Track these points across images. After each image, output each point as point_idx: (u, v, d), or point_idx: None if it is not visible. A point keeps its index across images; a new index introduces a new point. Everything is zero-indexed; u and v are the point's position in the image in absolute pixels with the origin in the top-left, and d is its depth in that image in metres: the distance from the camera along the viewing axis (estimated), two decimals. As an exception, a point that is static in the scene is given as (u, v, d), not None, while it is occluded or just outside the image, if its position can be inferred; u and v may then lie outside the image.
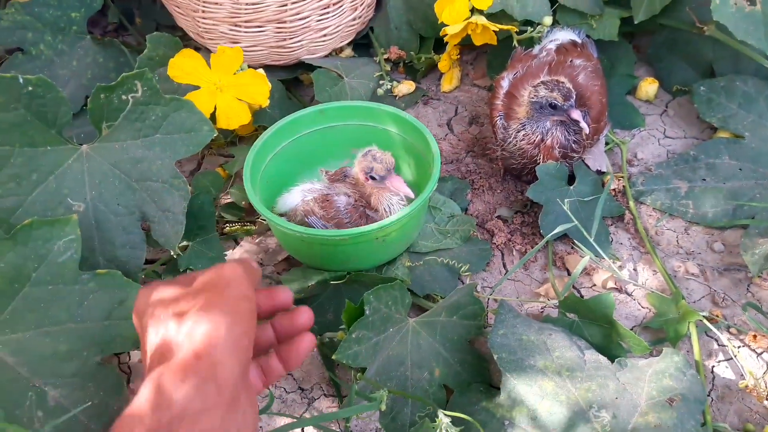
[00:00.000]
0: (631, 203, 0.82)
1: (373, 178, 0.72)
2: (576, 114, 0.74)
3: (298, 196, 0.75)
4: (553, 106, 0.75)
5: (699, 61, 0.94)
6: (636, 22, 0.91)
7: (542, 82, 0.76)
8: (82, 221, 0.71)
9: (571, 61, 0.82)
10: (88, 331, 0.65)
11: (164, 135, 0.75)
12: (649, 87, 0.96)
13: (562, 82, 0.75)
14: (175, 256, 0.77)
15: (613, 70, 0.97)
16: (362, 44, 1.08)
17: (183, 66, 0.81)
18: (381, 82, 1.00)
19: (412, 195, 0.71)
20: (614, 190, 0.84)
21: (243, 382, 0.41)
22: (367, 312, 0.64)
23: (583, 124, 0.74)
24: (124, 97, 0.72)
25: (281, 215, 0.77)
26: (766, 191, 0.80)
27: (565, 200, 0.77)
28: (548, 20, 0.89)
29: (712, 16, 0.77)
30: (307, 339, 0.51)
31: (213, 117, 0.83)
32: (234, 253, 0.83)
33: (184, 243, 0.79)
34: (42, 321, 0.63)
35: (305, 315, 0.52)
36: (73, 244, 0.65)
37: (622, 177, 0.85)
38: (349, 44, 1.06)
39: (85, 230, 0.70)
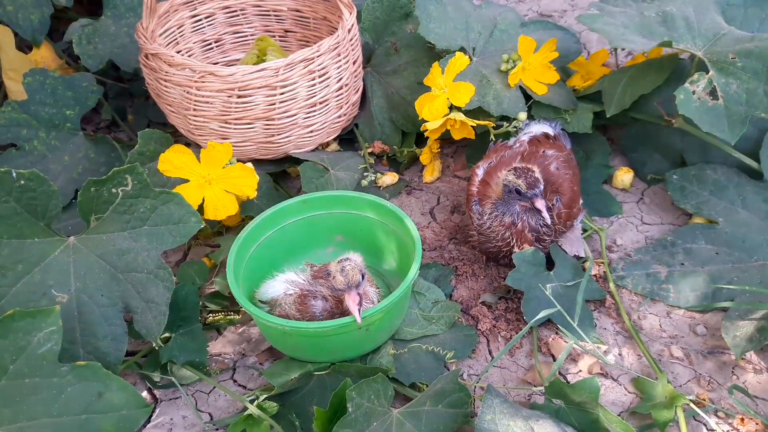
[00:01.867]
0: (613, 288, 0.83)
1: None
2: (539, 203, 0.77)
3: (280, 287, 0.76)
4: (519, 192, 0.78)
5: (670, 151, 0.99)
6: (608, 116, 0.96)
7: (514, 168, 0.79)
8: (65, 312, 0.71)
9: (543, 151, 0.86)
10: (64, 426, 0.63)
11: (152, 227, 0.76)
12: (624, 176, 0.99)
13: (532, 171, 0.78)
14: (156, 348, 0.76)
15: (589, 161, 1.01)
16: (347, 139, 1.12)
17: (173, 160, 0.84)
18: (365, 173, 1.03)
19: (359, 319, 0.68)
20: (595, 275, 0.85)
21: None
22: (350, 409, 0.63)
23: (545, 214, 0.77)
24: (114, 190, 0.74)
25: (264, 302, 0.77)
26: (743, 274, 0.81)
27: (547, 285, 0.78)
28: (523, 116, 0.94)
29: (678, 110, 0.82)
30: None
31: (201, 208, 0.85)
32: (216, 344, 0.83)
33: (166, 334, 0.78)
34: (17, 416, 0.62)
35: None
36: (54, 335, 0.65)
37: (602, 262, 0.86)
38: (334, 139, 1.10)
39: (66, 321, 0.70)
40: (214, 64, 1.22)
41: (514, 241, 0.81)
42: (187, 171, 0.84)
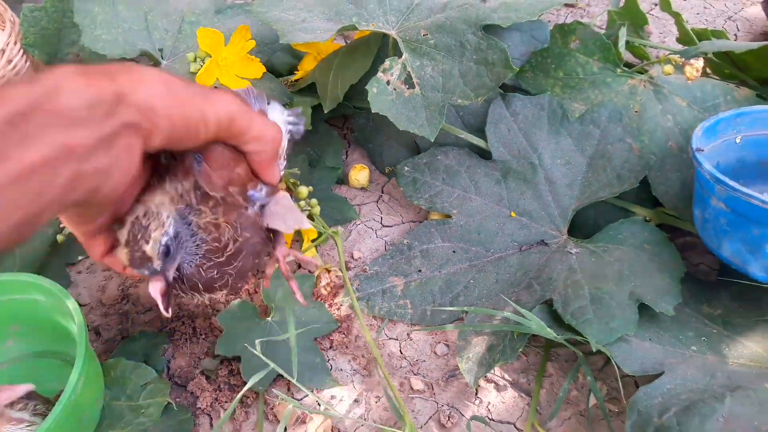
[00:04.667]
0: (358, 310, 0.73)
1: None
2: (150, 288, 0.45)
3: None
4: None
5: (403, 137, 0.89)
6: (326, 112, 0.84)
7: None
8: None
9: None
10: None
11: None
12: (359, 174, 0.89)
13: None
14: None
15: (321, 162, 0.89)
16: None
17: None
18: (62, 226, 0.84)
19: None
20: (331, 305, 0.75)
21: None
22: None
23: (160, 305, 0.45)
24: None
25: None
26: (479, 274, 0.74)
27: (257, 341, 0.66)
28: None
29: (372, 108, 0.71)
30: None
31: None
32: None
33: None
34: None
35: None
36: None
37: (332, 285, 0.76)
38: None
39: None
40: None
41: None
42: None
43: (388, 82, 0.72)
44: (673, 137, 0.75)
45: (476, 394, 0.67)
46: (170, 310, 0.45)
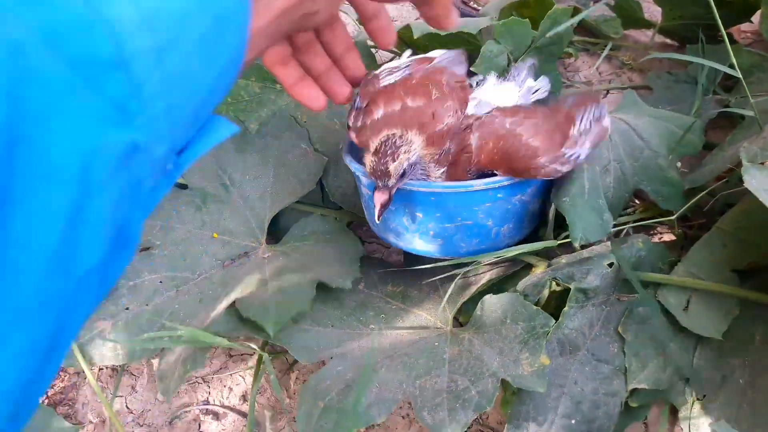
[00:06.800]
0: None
1: None
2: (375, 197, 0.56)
3: None
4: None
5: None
6: None
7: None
8: None
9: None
10: None
11: None
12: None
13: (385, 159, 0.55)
14: None
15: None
16: None
17: None
18: None
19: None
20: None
21: None
22: None
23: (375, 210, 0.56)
24: None
25: None
26: (185, 297, 0.75)
27: None
28: None
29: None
30: None
31: None
32: None
33: None
34: None
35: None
36: None
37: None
38: None
39: None
40: None
41: None
42: None
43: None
44: (342, 139, 0.81)
45: (199, 428, 0.68)
46: (380, 219, 0.56)
